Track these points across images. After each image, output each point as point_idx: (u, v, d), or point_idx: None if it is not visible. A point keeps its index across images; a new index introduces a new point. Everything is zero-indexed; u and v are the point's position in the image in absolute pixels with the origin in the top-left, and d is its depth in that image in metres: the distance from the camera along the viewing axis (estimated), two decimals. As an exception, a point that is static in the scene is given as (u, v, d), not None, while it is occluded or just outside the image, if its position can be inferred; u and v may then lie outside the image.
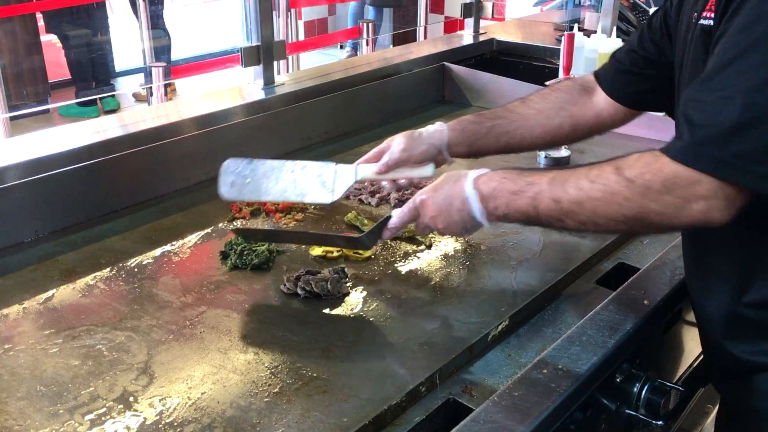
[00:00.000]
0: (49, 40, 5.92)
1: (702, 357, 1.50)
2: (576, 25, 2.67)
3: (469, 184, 1.22)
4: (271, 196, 1.47)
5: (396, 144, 1.44)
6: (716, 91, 0.96)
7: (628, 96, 1.45)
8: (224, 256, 1.52)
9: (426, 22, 5.44)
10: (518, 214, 1.17)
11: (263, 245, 1.50)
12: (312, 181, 1.44)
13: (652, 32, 1.37)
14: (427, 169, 1.44)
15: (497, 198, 1.18)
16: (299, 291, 1.37)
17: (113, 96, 5.99)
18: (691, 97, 1.01)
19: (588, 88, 1.51)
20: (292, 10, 5.69)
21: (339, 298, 1.37)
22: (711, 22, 1.06)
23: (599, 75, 1.51)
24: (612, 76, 1.47)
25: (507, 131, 1.49)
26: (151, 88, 4.29)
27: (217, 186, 1.48)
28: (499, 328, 1.28)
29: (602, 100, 1.49)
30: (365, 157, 1.48)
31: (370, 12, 7.49)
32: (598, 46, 2.50)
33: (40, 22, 5.78)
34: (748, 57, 0.94)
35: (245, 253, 1.48)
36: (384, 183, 1.49)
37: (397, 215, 1.33)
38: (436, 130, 1.48)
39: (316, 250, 1.53)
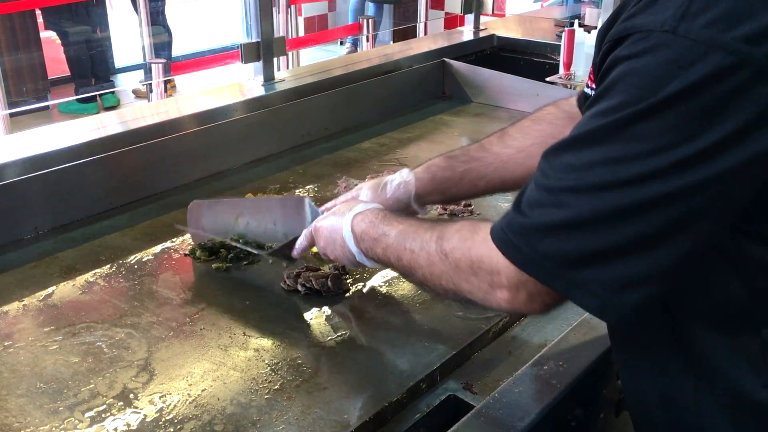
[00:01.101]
0: (49, 36, 5.91)
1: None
2: (576, 21, 2.66)
3: (347, 224, 1.18)
4: (242, 238, 1.45)
5: (361, 194, 1.37)
6: (546, 176, 0.86)
7: None
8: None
9: (426, 18, 5.43)
10: (380, 262, 1.15)
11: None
12: (281, 219, 1.41)
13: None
14: None
15: (365, 241, 1.15)
16: (299, 288, 1.37)
17: (113, 92, 5.98)
18: (535, 171, 0.90)
19: (574, 116, 1.32)
20: (292, 7, 5.69)
21: (339, 295, 1.37)
22: (591, 92, 0.97)
23: (580, 101, 1.37)
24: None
25: (484, 175, 1.35)
26: (150, 84, 4.29)
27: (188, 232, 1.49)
28: (500, 324, 1.28)
29: None
30: (327, 205, 1.38)
31: (370, 8, 7.47)
32: (599, 42, 2.49)
33: (39, 19, 5.77)
34: (585, 151, 0.82)
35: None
36: None
37: (300, 238, 1.32)
38: (401, 182, 1.35)
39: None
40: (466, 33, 2.98)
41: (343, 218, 1.20)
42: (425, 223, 1.07)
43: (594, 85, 0.94)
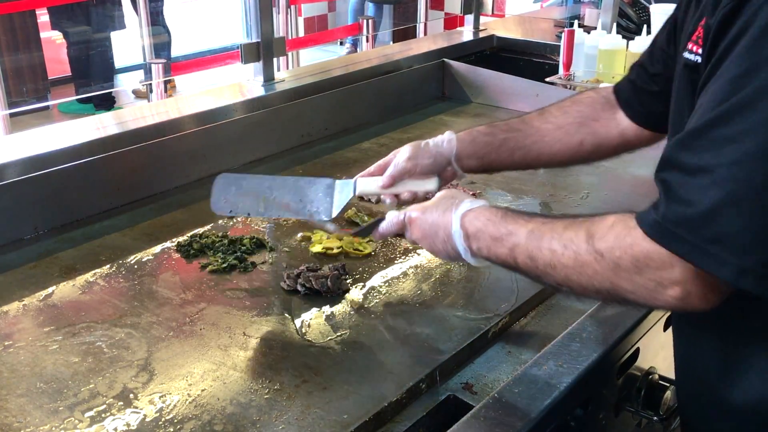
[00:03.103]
0: (49, 36, 5.91)
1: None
2: (576, 22, 2.66)
3: (456, 221, 1.13)
4: (267, 213, 1.41)
5: (401, 154, 1.34)
6: (697, 156, 0.83)
7: (643, 116, 1.31)
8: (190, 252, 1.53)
9: (426, 19, 5.43)
10: (499, 260, 1.09)
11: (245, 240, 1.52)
12: (308, 197, 1.38)
13: (658, 46, 1.24)
14: (431, 183, 1.35)
15: (480, 240, 1.10)
16: (299, 288, 1.37)
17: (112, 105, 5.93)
18: (670, 157, 0.87)
19: (613, 103, 1.36)
20: (292, 7, 5.69)
21: (339, 295, 1.37)
22: (698, 58, 0.94)
23: (617, 90, 1.36)
24: (627, 92, 1.33)
25: (522, 146, 1.37)
26: (150, 84, 4.29)
27: (211, 202, 1.42)
28: (500, 324, 1.28)
29: (627, 117, 1.34)
30: (367, 170, 1.38)
31: (369, 8, 7.47)
32: (598, 42, 2.49)
33: (40, 19, 5.77)
34: (738, 119, 0.79)
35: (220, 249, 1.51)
36: (385, 199, 1.37)
37: (386, 222, 1.27)
38: (444, 140, 1.36)
39: (317, 247, 1.53)
40: (466, 33, 2.98)
41: (447, 215, 1.15)
42: (561, 221, 1.02)
43: (701, 50, 0.92)
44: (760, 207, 0.78)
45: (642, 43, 2.43)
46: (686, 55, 0.98)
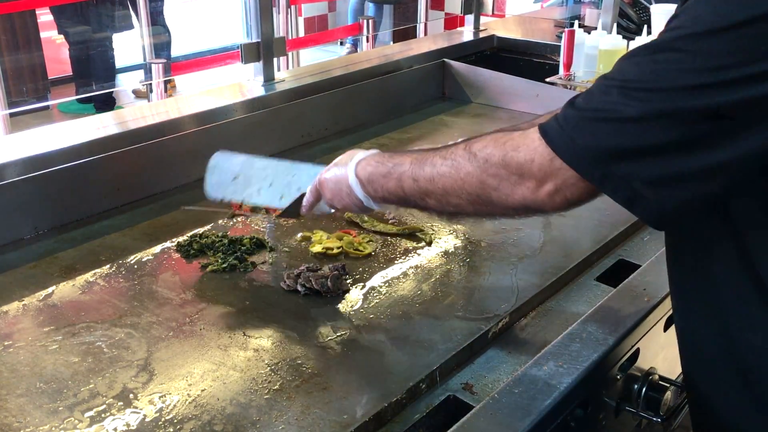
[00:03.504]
0: (49, 36, 5.91)
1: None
2: (576, 22, 2.66)
3: (351, 171, 1.21)
4: (262, 199, 1.43)
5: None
6: (609, 75, 0.91)
7: None
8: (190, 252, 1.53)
9: (426, 19, 5.44)
10: (392, 196, 1.16)
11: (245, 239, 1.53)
12: (306, 182, 1.37)
13: None
14: None
15: (373, 182, 1.18)
16: (299, 288, 1.37)
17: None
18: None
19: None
20: (292, 7, 5.69)
21: (339, 295, 1.37)
22: None
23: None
24: None
25: None
26: (150, 84, 4.29)
27: (204, 183, 1.45)
28: (500, 325, 1.28)
29: None
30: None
31: (370, 8, 7.47)
32: (599, 42, 2.49)
33: (40, 19, 5.77)
34: (653, 55, 0.87)
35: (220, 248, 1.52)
36: None
37: (306, 194, 1.32)
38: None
39: (317, 247, 1.53)
40: (466, 33, 2.98)
41: (346, 167, 1.22)
42: (444, 145, 1.09)
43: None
44: (634, 130, 0.86)
45: (642, 43, 2.43)
46: None
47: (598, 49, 2.49)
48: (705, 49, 0.82)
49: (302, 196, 1.33)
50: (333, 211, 1.34)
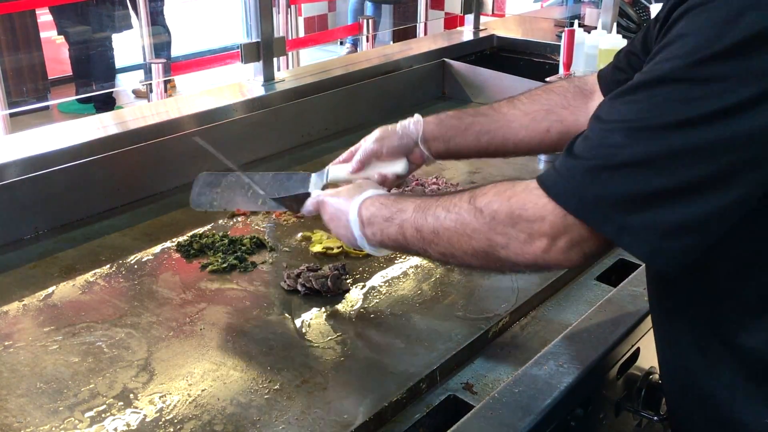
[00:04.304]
0: (49, 36, 5.91)
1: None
2: (576, 21, 2.66)
3: (354, 209, 1.16)
4: (241, 205, 1.44)
5: (369, 137, 1.38)
6: (603, 119, 0.86)
7: None
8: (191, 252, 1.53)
9: (426, 19, 5.43)
10: (391, 242, 1.12)
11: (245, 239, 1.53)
12: (283, 189, 1.39)
13: (650, 34, 1.26)
14: (399, 165, 1.37)
15: (373, 225, 1.14)
16: (299, 288, 1.37)
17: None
18: (590, 119, 0.90)
19: (586, 91, 1.36)
20: (292, 7, 5.68)
21: (339, 295, 1.37)
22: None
23: (601, 76, 1.34)
24: (611, 78, 1.30)
25: (489, 131, 1.37)
26: (150, 84, 4.29)
27: (190, 199, 1.44)
28: (500, 324, 1.28)
29: None
30: (338, 158, 1.42)
31: (369, 8, 7.47)
32: (599, 42, 2.49)
33: (41, 19, 5.77)
34: (647, 91, 0.82)
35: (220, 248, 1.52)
36: None
37: (310, 200, 1.29)
38: (411, 122, 1.38)
39: (317, 247, 1.53)
40: (466, 33, 2.98)
41: (350, 202, 1.18)
42: (448, 193, 1.05)
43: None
44: (644, 175, 0.81)
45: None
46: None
47: (598, 49, 2.49)
48: (707, 74, 0.77)
49: (305, 195, 1.31)
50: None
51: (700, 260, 0.86)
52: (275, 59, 2.20)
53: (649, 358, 1.32)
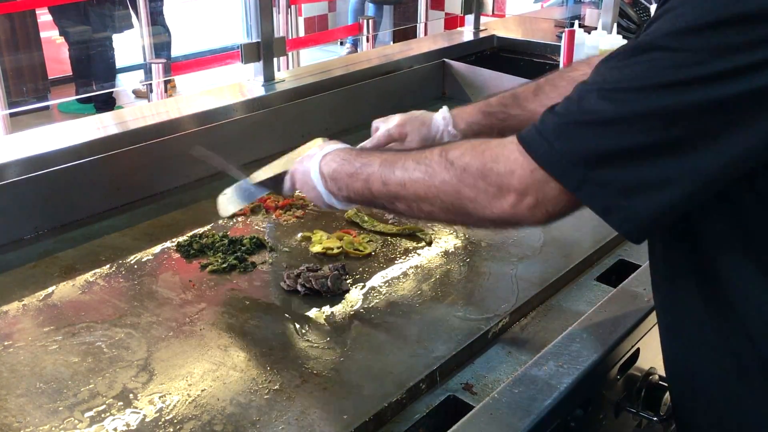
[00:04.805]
0: (49, 36, 5.91)
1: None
2: (576, 22, 2.66)
3: (315, 163, 1.17)
4: (241, 200, 1.44)
5: (390, 120, 1.37)
6: (587, 81, 0.89)
7: None
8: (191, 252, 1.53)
9: (426, 19, 5.44)
10: (357, 196, 1.12)
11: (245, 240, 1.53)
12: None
13: None
14: None
15: (337, 180, 1.14)
16: (299, 288, 1.37)
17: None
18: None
19: None
20: (293, 7, 5.69)
21: (339, 295, 1.37)
22: None
23: None
24: None
25: (518, 129, 1.40)
26: (150, 84, 4.29)
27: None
28: (500, 324, 1.28)
29: None
30: (363, 144, 1.42)
31: (370, 8, 7.47)
32: (599, 42, 2.49)
33: (41, 19, 5.77)
34: (631, 58, 0.84)
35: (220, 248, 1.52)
36: None
37: (285, 179, 1.29)
38: (440, 116, 1.38)
39: (317, 247, 1.53)
40: (466, 33, 2.98)
41: (310, 161, 1.19)
42: (416, 148, 1.06)
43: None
44: (611, 133, 0.83)
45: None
46: None
47: (598, 49, 2.49)
48: (686, 45, 0.80)
49: (284, 173, 1.30)
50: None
51: (701, 246, 0.89)
52: (275, 59, 2.21)
53: (649, 358, 1.32)
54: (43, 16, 5.81)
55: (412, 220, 1.61)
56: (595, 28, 2.65)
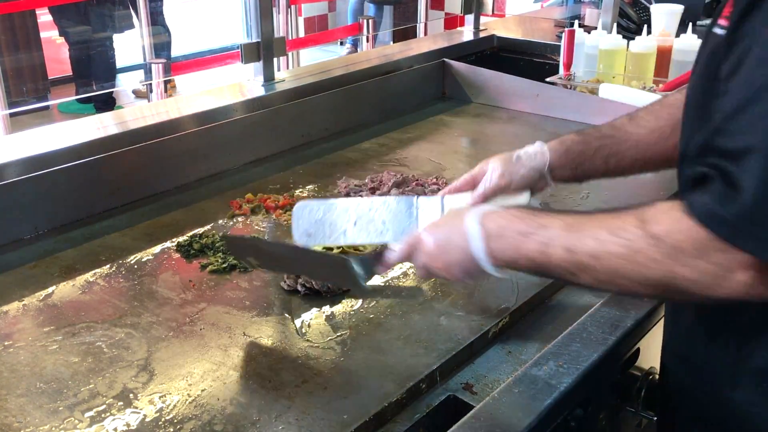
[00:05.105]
0: (49, 36, 5.91)
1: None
2: (576, 22, 2.66)
3: (473, 219, 1.05)
4: (349, 239, 1.32)
5: (492, 170, 1.28)
6: (737, 139, 0.81)
7: None
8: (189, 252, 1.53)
9: (426, 19, 5.43)
10: (527, 260, 1.00)
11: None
12: (391, 218, 1.30)
13: None
14: (523, 197, 1.30)
15: (504, 238, 1.01)
16: (299, 288, 1.37)
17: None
18: (708, 144, 0.85)
19: None
20: (292, 7, 5.69)
21: (339, 295, 1.37)
22: (723, 32, 0.91)
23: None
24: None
25: (616, 152, 1.30)
26: (150, 84, 4.29)
27: (292, 232, 1.34)
28: (500, 324, 1.28)
29: None
30: (453, 185, 1.32)
31: (370, 8, 7.48)
32: (599, 42, 2.49)
33: (41, 19, 5.77)
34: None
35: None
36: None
37: (394, 249, 1.17)
38: (537, 152, 1.30)
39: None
40: (466, 33, 2.98)
41: (461, 217, 1.07)
42: (601, 212, 0.96)
43: (727, 24, 0.89)
44: None
45: (642, 43, 2.43)
46: (715, 29, 0.95)
47: (598, 49, 2.49)
48: None
49: (380, 252, 1.18)
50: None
51: None
52: (275, 59, 2.21)
53: (649, 358, 1.32)
54: (43, 16, 5.81)
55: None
56: (595, 28, 2.65)
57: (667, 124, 1.29)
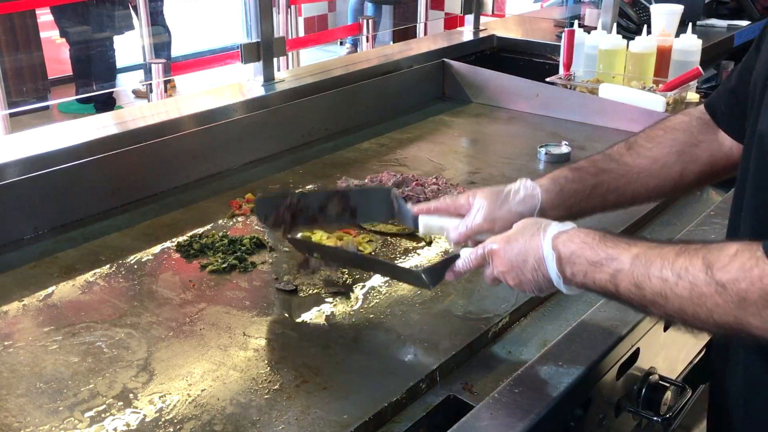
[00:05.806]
0: (49, 36, 5.91)
1: (703, 353, 1.50)
2: (576, 22, 2.66)
3: (548, 243, 1.04)
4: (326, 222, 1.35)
5: (478, 209, 1.21)
6: None
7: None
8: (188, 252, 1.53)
9: (426, 19, 5.44)
10: (597, 288, 1.00)
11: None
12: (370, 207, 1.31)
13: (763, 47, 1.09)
14: None
15: (575, 264, 1.01)
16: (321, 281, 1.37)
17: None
18: None
19: (710, 122, 1.24)
20: (292, 7, 5.69)
21: (339, 295, 1.37)
22: None
23: (711, 106, 1.24)
24: (725, 106, 1.19)
25: (615, 188, 1.25)
26: (150, 84, 4.29)
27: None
28: (500, 324, 1.28)
29: (729, 137, 1.22)
30: (431, 204, 1.28)
31: (369, 8, 7.48)
32: (599, 42, 2.49)
33: (40, 19, 5.77)
34: None
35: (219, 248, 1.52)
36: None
37: (463, 259, 1.16)
38: (527, 195, 1.22)
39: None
40: (466, 33, 2.98)
41: (536, 239, 1.06)
42: (670, 247, 0.94)
43: None
44: None
45: (642, 43, 2.43)
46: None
47: (598, 49, 2.49)
48: None
49: (450, 259, 1.18)
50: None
51: None
52: (275, 59, 2.21)
53: (649, 358, 1.32)
54: (43, 16, 5.81)
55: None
56: (595, 28, 2.65)
57: (671, 151, 1.24)
